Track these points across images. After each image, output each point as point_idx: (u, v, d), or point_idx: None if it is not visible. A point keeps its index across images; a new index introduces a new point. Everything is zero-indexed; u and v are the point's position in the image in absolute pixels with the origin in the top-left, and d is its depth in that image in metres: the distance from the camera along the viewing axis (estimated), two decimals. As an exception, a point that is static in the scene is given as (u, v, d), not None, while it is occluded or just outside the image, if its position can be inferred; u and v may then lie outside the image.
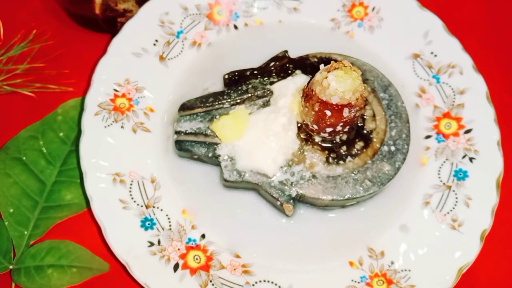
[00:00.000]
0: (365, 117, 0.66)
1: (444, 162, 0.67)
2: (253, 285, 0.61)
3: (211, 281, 0.61)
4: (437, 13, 0.73)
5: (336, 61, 0.58)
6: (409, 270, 0.62)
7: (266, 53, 0.70)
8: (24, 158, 0.68)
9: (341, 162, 0.64)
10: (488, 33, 0.79)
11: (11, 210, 0.66)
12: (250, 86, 0.67)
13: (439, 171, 0.67)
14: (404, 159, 0.65)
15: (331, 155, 0.64)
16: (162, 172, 0.66)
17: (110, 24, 0.73)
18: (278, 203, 0.63)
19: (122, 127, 0.67)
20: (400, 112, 0.67)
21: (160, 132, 0.68)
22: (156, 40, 0.71)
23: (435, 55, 0.72)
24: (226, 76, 0.68)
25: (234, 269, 0.62)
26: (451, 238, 0.63)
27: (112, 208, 0.63)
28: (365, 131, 0.65)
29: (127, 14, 0.73)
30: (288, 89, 0.65)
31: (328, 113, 0.58)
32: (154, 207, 0.64)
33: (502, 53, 0.78)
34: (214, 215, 0.65)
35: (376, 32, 0.74)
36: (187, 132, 0.65)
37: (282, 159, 0.63)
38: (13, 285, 0.63)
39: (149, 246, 0.62)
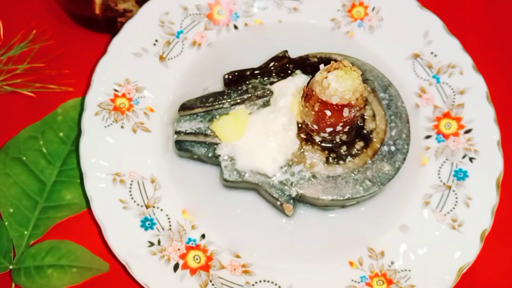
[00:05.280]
0: (365, 117, 0.66)
1: (444, 162, 0.67)
2: (253, 285, 0.61)
3: (211, 281, 0.61)
4: (437, 13, 0.73)
5: (336, 61, 0.58)
6: (409, 270, 0.62)
7: (266, 53, 0.70)
8: (24, 158, 0.68)
9: (341, 162, 0.64)
10: (488, 33, 0.79)
11: (11, 210, 0.66)
12: (250, 86, 0.67)
13: (439, 171, 0.67)
14: (404, 159, 0.65)
15: (331, 155, 0.64)
16: (162, 172, 0.66)
17: (110, 24, 0.73)
18: (278, 203, 0.63)
19: (122, 127, 0.67)
20: (400, 112, 0.67)
21: (160, 132, 0.68)
22: (156, 40, 0.71)
23: (435, 55, 0.72)
24: (226, 76, 0.68)
25: (234, 269, 0.62)
26: (451, 238, 0.63)
27: (112, 208, 0.63)
28: (365, 131, 0.65)
29: (127, 14, 0.73)
30: (288, 89, 0.65)
31: (328, 113, 0.58)
32: (154, 207, 0.64)
33: (502, 53, 0.78)
34: (214, 215, 0.65)
35: (376, 32, 0.74)
36: (187, 132, 0.65)
37: (282, 159, 0.63)
38: (13, 285, 0.63)
39: (149, 246, 0.62)
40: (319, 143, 0.64)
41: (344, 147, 0.64)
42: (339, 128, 0.60)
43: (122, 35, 0.70)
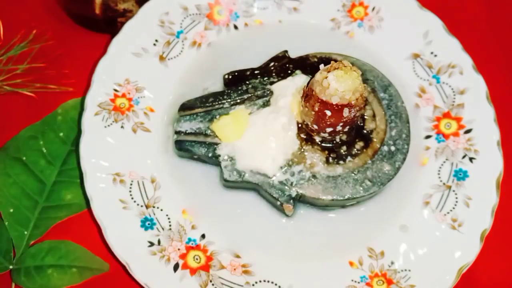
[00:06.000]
0: (365, 117, 0.66)
1: (444, 162, 0.67)
2: (253, 285, 0.61)
3: (211, 281, 0.61)
4: (437, 13, 0.73)
5: (336, 61, 0.58)
6: (409, 270, 0.62)
7: (266, 53, 0.70)
8: (24, 158, 0.68)
9: (341, 162, 0.64)
10: (488, 33, 0.79)
11: (11, 210, 0.66)
12: (250, 86, 0.67)
13: (439, 171, 0.67)
14: (404, 159, 0.65)
15: (331, 155, 0.64)
16: (162, 172, 0.66)
17: (110, 24, 0.73)
18: (278, 203, 0.63)
19: (122, 127, 0.67)
20: (400, 112, 0.67)
21: (160, 132, 0.68)
22: (156, 40, 0.71)
23: (435, 55, 0.72)
24: (226, 76, 0.68)
25: (234, 269, 0.62)
26: (451, 238, 0.63)
27: (112, 208, 0.63)
28: (365, 131, 0.65)
29: (127, 14, 0.73)
30: (288, 89, 0.65)
31: (328, 113, 0.58)
32: (154, 207, 0.64)
33: (502, 53, 0.78)
34: (214, 215, 0.65)
35: (376, 32, 0.74)
36: (187, 132, 0.65)
37: (282, 159, 0.63)
38: (13, 285, 0.63)
39: (149, 246, 0.62)
40: (319, 143, 0.64)
41: (344, 147, 0.64)
42: (339, 128, 0.60)
43: (122, 35, 0.70)
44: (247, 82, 0.67)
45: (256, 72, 0.68)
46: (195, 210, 0.65)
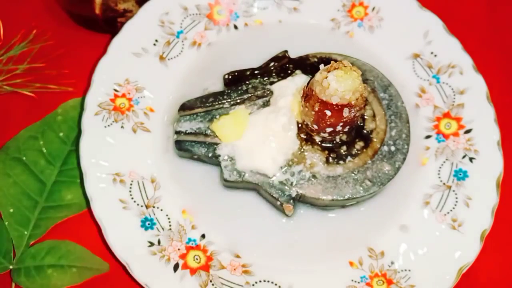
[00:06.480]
0: (365, 117, 0.66)
1: (444, 162, 0.67)
2: (253, 285, 0.61)
3: (211, 281, 0.61)
4: (437, 13, 0.73)
5: (336, 61, 0.58)
6: (409, 270, 0.62)
7: (266, 53, 0.70)
8: (24, 158, 0.68)
9: (341, 162, 0.64)
10: (488, 33, 0.79)
11: (11, 210, 0.66)
12: (250, 86, 0.67)
13: (439, 171, 0.67)
14: (404, 159, 0.65)
15: (331, 155, 0.64)
16: (162, 172, 0.66)
17: (110, 24, 0.73)
18: (278, 203, 0.63)
19: (122, 127, 0.67)
20: (400, 112, 0.67)
21: (160, 132, 0.68)
22: (156, 40, 0.71)
23: (435, 55, 0.72)
24: (226, 76, 0.68)
25: (234, 269, 0.62)
26: (451, 238, 0.63)
27: (112, 208, 0.63)
28: (365, 131, 0.65)
29: (127, 14, 0.73)
30: (288, 89, 0.65)
31: (328, 113, 0.58)
32: (154, 207, 0.64)
33: (502, 53, 0.78)
34: (214, 215, 0.65)
35: (376, 32, 0.74)
36: (187, 132, 0.65)
37: (282, 159, 0.63)
38: (13, 285, 0.63)
39: (149, 246, 0.62)
40: (319, 143, 0.64)
41: (344, 147, 0.64)
42: (339, 128, 0.60)
43: (122, 35, 0.70)
44: (247, 82, 0.67)
45: (256, 72, 0.68)
46: (195, 210, 0.65)
